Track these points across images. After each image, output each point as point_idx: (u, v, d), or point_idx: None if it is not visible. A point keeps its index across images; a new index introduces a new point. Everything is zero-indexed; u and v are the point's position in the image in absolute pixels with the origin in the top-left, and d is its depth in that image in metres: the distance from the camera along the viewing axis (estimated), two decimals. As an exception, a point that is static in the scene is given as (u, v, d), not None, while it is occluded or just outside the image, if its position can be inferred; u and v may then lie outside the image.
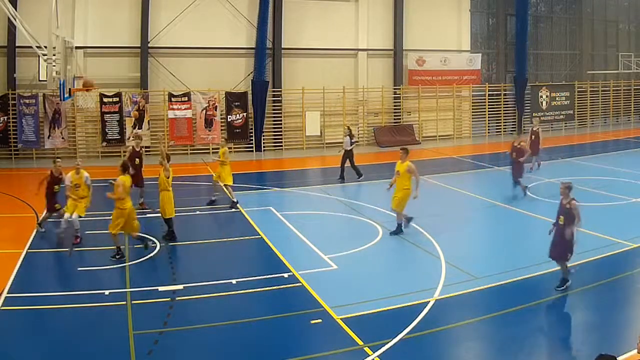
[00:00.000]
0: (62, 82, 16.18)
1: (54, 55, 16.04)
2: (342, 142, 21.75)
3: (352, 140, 20.59)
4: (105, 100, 25.05)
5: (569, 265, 10.48)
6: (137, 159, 16.64)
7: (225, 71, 26.87)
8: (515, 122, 33.12)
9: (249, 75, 27.16)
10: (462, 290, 10.40)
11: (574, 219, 10.20)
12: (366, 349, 8.28)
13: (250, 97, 26.87)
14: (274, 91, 27.71)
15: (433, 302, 9.89)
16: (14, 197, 17.93)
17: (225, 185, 16.69)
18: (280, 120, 28.09)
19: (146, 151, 25.69)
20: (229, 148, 19.40)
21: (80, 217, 13.30)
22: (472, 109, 32.11)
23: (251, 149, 27.23)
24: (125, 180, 12.37)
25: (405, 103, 30.56)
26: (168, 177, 13.50)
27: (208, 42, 26.45)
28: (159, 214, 13.81)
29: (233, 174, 17.02)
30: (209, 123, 26.58)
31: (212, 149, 26.66)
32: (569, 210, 10.25)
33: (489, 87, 32.23)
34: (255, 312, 9.65)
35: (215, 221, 15.70)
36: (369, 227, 14.59)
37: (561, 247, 10.32)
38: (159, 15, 25.92)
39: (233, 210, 16.18)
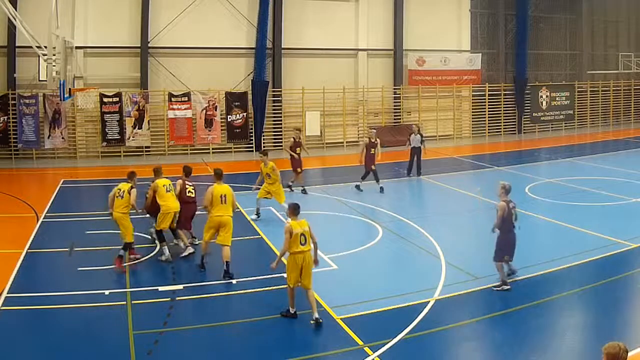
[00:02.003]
0: (62, 82, 16.20)
1: (54, 55, 16.08)
2: (341, 142, 21.67)
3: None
4: (105, 100, 25.04)
5: (508, 268, 10.54)
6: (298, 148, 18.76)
7: (225, 71, 26.86)
8: (515, 122, 33.13)
9: (249, 75, 27.16)
10: (462, 290, 10.40)
11: (498, 220, 10.33)
12: (366, 349, 8.28)
13: (250, 97, 26.87)
14: (274, 91, 27.71)
15: (433, 302, 9.89)
16: (14, 197, 17.94)
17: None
18: (280, 120, 28.09)
19: (146, 151, 25.82)
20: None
21: None
22: (472, 109, 32.09)
23: (251, 149, 27.21)
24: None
25: (405, 103, 30.56)
26: None
27: (208, 42, 26.45)
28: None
29: (233, 174, 16.99)
30: (209, 123, 26.57)
31: (213, 149, 26.69)
32: (497, 211, 10.39)
33: (489, 87, 32.22)
34: (255, 312, 9.64)
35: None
36: (369, 227, 14.59)
37: (498, 250, 10.39)
38: (159, 15, 25.92)
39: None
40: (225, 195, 11.52)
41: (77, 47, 21.38)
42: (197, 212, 13.14)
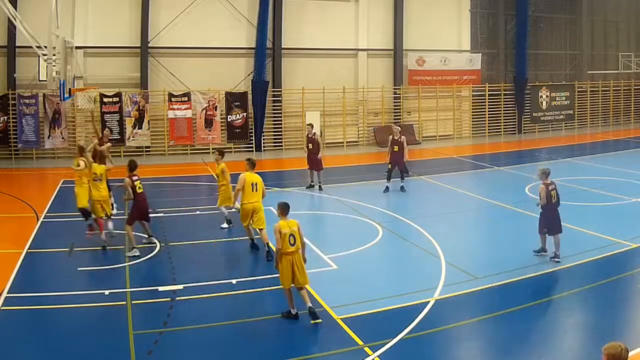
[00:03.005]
0: (62, 82, 16.19)
1: (54, 55, 16.06)
2: (341, 142, 21.52)
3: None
4: (105, 100, 25.05)
5: (550, 241, 12.00)
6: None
7: (225, 71, 26.86)
8: (515, 122, 33.13)
9: (249, 75, 27.17)
10: (462, 290, 10.40)
11: (541, 200, 11.97)
12: (366, 349, 8.28)
13: (250, 97, 26.87)
14: (274, 91, 27.71)
15: (433, 302, 9.89)
16: (14, 197, 17.94)
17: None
18: (280, 120, 28.09)
19: (146, 151, 25.82)
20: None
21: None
22: (472, 109, 32.10)
23: (251, 149, 27.22)
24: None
25: (405, 103, 30.56)
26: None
27: (208, 42, 26.46)
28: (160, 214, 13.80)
29: (233, 174, 16.93)
30: (209, 123, 26.58)
31: (213, 149, 26.68)
32: (539, 192, 12.09)
33: (489, 87, 32.23)
34: (255, 312, 9.64)
35: (215, 221, 15.66)
36: (369, 227, 14.58)
37: (542, 221, 12.14)
38: (159, 15, 25.92)
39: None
40: (257, 184, 12.32)
41: (77, 47, 21.35)
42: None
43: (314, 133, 19.10)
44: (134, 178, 12.61)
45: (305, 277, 9.28)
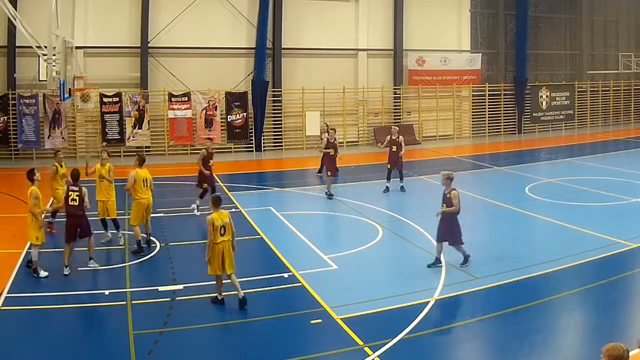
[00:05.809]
0: (62, 82, 16.20)
1: (54, 55, 16.08)
2: (341, 142, 21.40)
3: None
4: (105, 100, 25.05)
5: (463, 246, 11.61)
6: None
7: (225, 71, 26.87)
8: (515, 122, 33.13)
9: (249, 75, 27.16)
10: (462, 290, 10.40)
11: (453, 206, 11.28)
12: (366, 349, 8.28)
13: (250, 97, 26.87)
14: (274, 91, 27.71)
15: (433, 302, 9.89)
16: (14, 197, 17.92)
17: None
18: (280, 120, 28.09)
19: (146, 151, 25.81)
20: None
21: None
22: (472, 109, 32.10)
23: (251, 149, 27.23)
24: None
25: (405, 103, 30.56)
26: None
27: (208, 42, 26.46)
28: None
29: (233, 174, 16.91)
30: (209, 123, 26.57)
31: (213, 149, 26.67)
32: (449, 199, 11.35)
33: (489, 87, 32.22)
34: (255, 312, 9.64)
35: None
36: (369, 227, 14.58)
37: (451, 232, 11.39)
38: (159, 15, 25.92)
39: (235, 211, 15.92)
40: (147, 179, 12.73)
41: (77, 47, 21.36)
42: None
43: (335, 138, 18.33)
44: (74, 188, 11.64)
45: (232, 265, 9.85)
